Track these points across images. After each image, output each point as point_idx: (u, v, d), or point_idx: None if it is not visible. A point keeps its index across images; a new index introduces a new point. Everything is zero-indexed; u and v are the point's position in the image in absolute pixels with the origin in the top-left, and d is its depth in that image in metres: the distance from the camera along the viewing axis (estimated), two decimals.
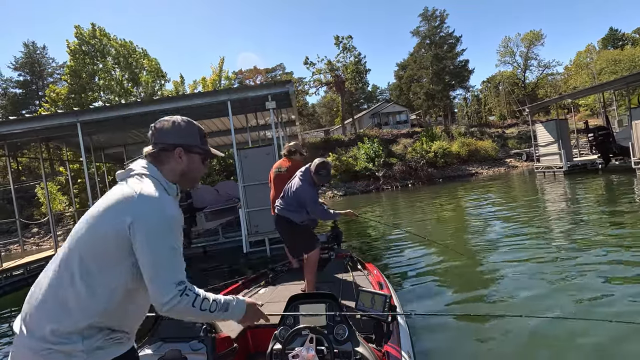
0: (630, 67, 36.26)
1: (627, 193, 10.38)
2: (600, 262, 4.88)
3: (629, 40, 50.67)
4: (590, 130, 17.05)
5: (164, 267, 1.19)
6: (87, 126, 8.06)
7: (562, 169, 16.53)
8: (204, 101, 7.78)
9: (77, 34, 21.35)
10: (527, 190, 14.13)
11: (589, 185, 12.80)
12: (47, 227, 19.14)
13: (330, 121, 52.19)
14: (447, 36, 42.02)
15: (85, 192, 19.10)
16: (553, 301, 3.93)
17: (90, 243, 1.19)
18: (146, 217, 1.18)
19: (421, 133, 29.19)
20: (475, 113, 53.87)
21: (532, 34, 46.70)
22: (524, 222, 8.03)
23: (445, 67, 40.62)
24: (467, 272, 5.32)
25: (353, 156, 25.73)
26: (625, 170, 14.31)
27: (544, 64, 49.35)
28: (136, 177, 1.28)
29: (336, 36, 32.20)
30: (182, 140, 1.35)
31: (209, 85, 22.03)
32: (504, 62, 50.25)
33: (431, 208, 12.72)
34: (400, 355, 2.28)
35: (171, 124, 1.36)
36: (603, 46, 50.88)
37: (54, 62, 43.82)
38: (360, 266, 4.42)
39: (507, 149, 28.76)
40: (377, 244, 7.96)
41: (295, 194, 3.57)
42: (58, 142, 11.51)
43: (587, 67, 41.85)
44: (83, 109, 7.70)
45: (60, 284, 1.18)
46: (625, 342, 2.97)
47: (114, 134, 11.09)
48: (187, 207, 8.44)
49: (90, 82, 21.65)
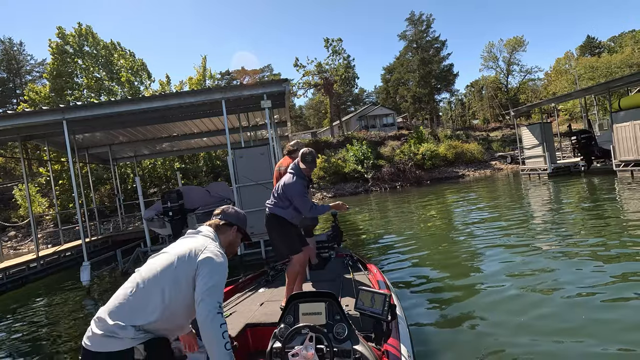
0: (607, 73, 37.60)
1: (609, 193, 10.78)
2: (584, 256, 5.10)
3: (605, 48, 52.66)
4: (574, 133, 17.56)
5: (214, 294, 1.72)
6: (73, 124, 7.74)
7: (546, 171, 16.95)
8: (197, 99, 7.58)
9: (59, 34, 20.72)
10: (515, 192, 14.41)
11: (573, 187, 13.15)
12: (25, 230, 18.36)
13: (317, 123, 52.21)
14: (433, 40, 42.74)
15: (66, 193, 18.62)
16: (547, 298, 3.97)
17: (173, 275, 1.76)
18: (210, 260, 1.79)
19: (409, 135, 29.48)
20: (459, 116, 54.93)
21: (515, 40, 47.98)
22: (520, 222, 8.16)
23: (432, 70, 41.27)
24: (465, 270, 5.33)
25: (342, 158, 25.76)
26: (607, 172, 14.78)
27: (526, 70, 50.84)
28: (204, 236, 1.98)
29: (326, 38, 32.27)
30: (239, 223, 2.18)
31: (195, 85, 21.69)
32: (487, 66, 51.47)
33: (427, 209, 12.81)
34: (400, 354, 2.28)
35: (234, 211, 2.22)
36: (581, 53, 52.71)
37: (33, 60, 42.38)
38: (360, 265, 4.39)
39: (491, 152, 29.35)
40: (371, 243, 7.93)
41: (284, 189, 3.49)
42: (39, 141, 11.05)
43: (568, 73, 43.13)
44: (70, 106, 7.37)
45: (149, 296, 1.73)
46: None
47: (101, 132, 10.73)
48: (178, 209, 8.20)
49: (70, 81, 20.99)
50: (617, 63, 39.11)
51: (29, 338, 5.08)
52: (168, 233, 8.61)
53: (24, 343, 4.92)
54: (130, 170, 20.87)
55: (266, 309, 3.36)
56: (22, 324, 5.74)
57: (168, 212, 8.09)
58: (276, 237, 3.64)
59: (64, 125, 7.17)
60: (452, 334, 3.55)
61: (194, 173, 22.43)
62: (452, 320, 3.81)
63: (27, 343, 4.90)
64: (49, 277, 9.25)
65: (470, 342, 3.34)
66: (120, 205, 13.84)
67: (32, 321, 5.86)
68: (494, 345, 3.23)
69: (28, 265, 9.12)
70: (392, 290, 3.39)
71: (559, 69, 47.19)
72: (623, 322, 3.32)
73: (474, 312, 3.91)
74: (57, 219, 11.93)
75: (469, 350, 3.21)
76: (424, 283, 5.04)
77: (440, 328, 3.68)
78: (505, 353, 3.10)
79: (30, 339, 5.03)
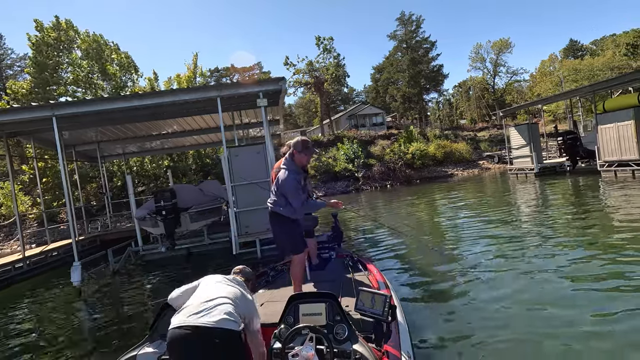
0: (589, 76, 38.64)
1: (593, 192, 11.15)
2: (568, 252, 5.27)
3: (587, 51, 54.12)
4: (560, 134, 17.98)
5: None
6: (63, 120, 7.52)
7: (533, 171, 17.32)
8: (192, 97, 7.47)
9: (37, 27, 20.10)
10: (505, 191, 14.69)
11: (559, 186, 13.50)
12: (7, 230, 17.79)
13: (307, 122, 52.11)
14: (422, 41, 43.12)
15: (50, 192, 18.07)
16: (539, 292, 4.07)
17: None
18: (250, 307, 2.38)
19: (399, 135, 29.69)
20: (447, 116, 55.62)
21: (502, 41, 48.87)
22: (513, 219, 8.31)
23: (421, 70, 41.64)
24: (465, 271, 5.40)
25: (333, 157, 25.78)
26: (591, 172, 15.20)
27: (512, 71, 51.84)
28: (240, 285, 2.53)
29: (317, 37, 32.25)
30: (253, 279, 2.81)
31: (184, 82, 21.38)
32: (475, 67, 52.29)
33: (422, 208, 12.93)
34: (400, 355, 2.29)
35: (249, 270, 2.77)
36: (564, 56, 54.04)
37: (14, 54, 40.99)
38: (360, 266, 4.39)
39: (479, 152, 29.82)
40: (370, 244, 7.96)
41: (278, 185, 3.48)
42: (25, 138, 10.71)
43: (553, 75, 44.14)
44: (60, 102, 7.16)
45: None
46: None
47: (89, 130, 10.46)
48: (171, 208, 8.07)
49: (54, 75, 20.40)
50: (599, 66, 40.25)
51: (20, 341, 4.93)
52: (161, 232, 8.47)
53: (16, 346, 4.78)
54: (117, 168, 20.44)
55: (266, 310, 3.35)
56: (14, 324, 5.57)
57: (161, 211, 7.96)
58: (280, 235, 3.67)
59: (53, 121, 6.97)
60: (453, 334, 3.57)
61: (183, 171, 22.12)
62: (452, 321, 3.83)
63: (18, 346, 4.76)
64: (36, 277, 9.00)
65: (470, 343, 3.36)
66: (109, 203, 13.55)
67: (22, 321, 5.69)
68: (494, 345, 3.26)
69: (14, 266, 8.85)
70: (392, 291, 3.39)
71: (544, 71, 48.30)
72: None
73: (474, 313, 3.94)
74: (44, 217, 11.57)
75: (469, 351, 3.23)
76: (424, 283, 5.08)
77: (441, 328, 3.70)
78: (505, 353, 3.14)
79: (21, 342, 4.88)
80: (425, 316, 4.07)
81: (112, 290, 7.09)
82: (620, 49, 45.60)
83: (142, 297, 6.34)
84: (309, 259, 4.23)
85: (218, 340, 2.05)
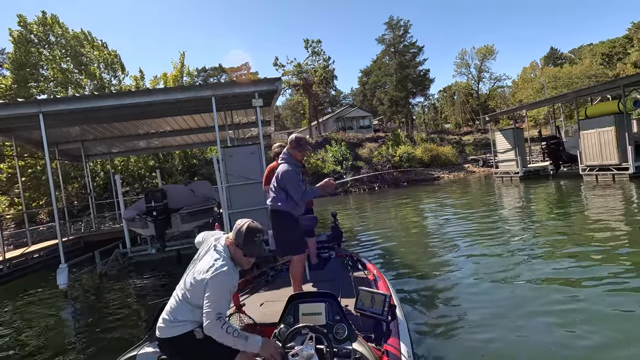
0: (568, 83, 40.01)
1: (575, 195, 11.55)
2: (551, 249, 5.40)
3: (566, 60, 56.05)
4: (543, 139, 18.50)
5: (216, 306, 2.02)
6: (48, 117, 7.25)
7: (518, 174, 17.77)
8: (186, 95, 7.32)
9: (20, 23, 19.41)
10: (491, 193, 14.99)
11: (543, 189, 13.88)
12: None
13: (295, 124, 52.01)
14: (410, 45, 43.73)
15: (29, 191, 17.39)
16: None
17: (192, 288, 2.14)
18: (216, 278, 2.06)
19: (387, 137, 29.98)
20: (432, 120, 56.55)
21: (486, 48, 50.05)
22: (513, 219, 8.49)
23: (409, 74, 42.20)
24: (464, 271, 5.46)
25: (321, 158, 25.81)
26: (573, 176, 15.71)
27: (495, 77, 53.13)
28: (214, 252, 2.23)
29: (305, 39, 32.30)
30: (237, 239, 2.23)
31: (170, 81, 21.02)
32: (460, 73, 53.35)
33: (416, 211, 13.05)
34: (400, 354, 2.29)
35: (236, 227, 2.28)
36: (545, 63, 55.81)
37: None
38: (360, 265, 4.39)
39: (464, 155, 30.41)
40: (370, 244, 7.97)
41: (279, 180, 3.52)
42: (5, 135, 10.26)
43: (535, 81, 45.44)
44: (47, 99, 6.91)
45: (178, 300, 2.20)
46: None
47: (74, 127, 10.12)
48: (162, 208, 7.88)
49: (35, 72, 19.71)
50: (577, 74, 41.71)
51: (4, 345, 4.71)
52: (150, 234, 8.26)
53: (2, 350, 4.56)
54: (100, 167, 19.87)
55: (266, 309, 3.32)
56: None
57: (152, 212, 7.75)
58: (280, 235, 3.66)
59: (40, 118, 6.70)
60: (452, 334, 3.59)
61: (169, 172, 21.70)
62: (452, 321, 3.85)
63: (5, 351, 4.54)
64: (16, 280, 8.62)
65: (470, 343, 3.38)
66: (93, 204, 13.15)
67: (7, 326, 5.43)
68: (494, 345, 3.29)
69: None
70: (391, 291, 3.41)
71: (526, 78, 49.72)
72: None
73: (475, 313, 3.98)
74: (25, 218, 11.13)
75: (469, 351, 3.25)
76: (424, 283, 5.10)
77: (440, 328, 3.72)
78: (505, 353, 3.16)
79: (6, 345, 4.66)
80: (425, 315, 4.09)
81: (100, 293, 6.87)
82: (596, 58, 47.41)
83: (132, 300, 6.16)
84: (308, 258, 4.22)
85: (175, 349, 2.14)
